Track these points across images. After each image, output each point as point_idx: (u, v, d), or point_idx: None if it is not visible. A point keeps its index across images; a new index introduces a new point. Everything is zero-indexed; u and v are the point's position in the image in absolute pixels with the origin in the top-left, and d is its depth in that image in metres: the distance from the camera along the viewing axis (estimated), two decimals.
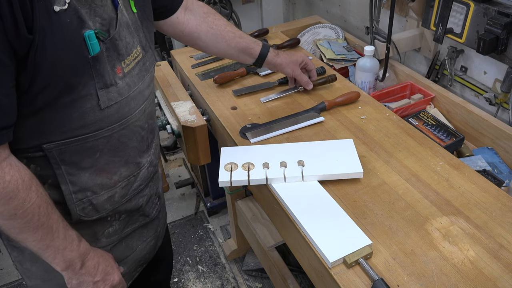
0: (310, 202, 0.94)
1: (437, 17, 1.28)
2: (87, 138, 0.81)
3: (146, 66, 0.90)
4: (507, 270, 0.79)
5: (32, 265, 0.94)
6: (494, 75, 1.32)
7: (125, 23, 0.82)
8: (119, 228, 0.98)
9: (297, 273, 1.82)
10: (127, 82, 0.83)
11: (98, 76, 0.76)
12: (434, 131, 1.26)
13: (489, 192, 0.96)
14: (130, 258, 1.05)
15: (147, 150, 0.97)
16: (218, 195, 2.13)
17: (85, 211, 0.89)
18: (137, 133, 0.91)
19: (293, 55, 1.29)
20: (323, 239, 0.85)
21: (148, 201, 1.04)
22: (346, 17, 1.99)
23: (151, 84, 0.94)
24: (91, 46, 0.73)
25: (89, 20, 0.73)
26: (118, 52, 0.79)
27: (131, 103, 0.85)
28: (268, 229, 1.57)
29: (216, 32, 1.17)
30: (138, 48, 0.86)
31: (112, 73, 0.78)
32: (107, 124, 0.82)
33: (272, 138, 1.18)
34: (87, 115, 0.78)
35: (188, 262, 2.02)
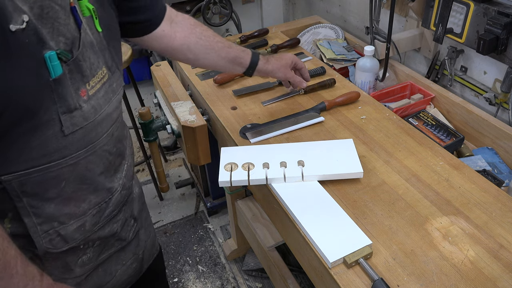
0: (310, 202, 0.94)
1: (437, 17, 1.28)
2: (50, 168, 0.74)
3: (113, 88, 0.83)
4: (507, 270, 0.79)
5: None
6: (494, 75, 1.32)
7: (89, 42, 0.76)
8: (94, 255, 0.91)
9: (297, 273, 1.82)
10: (93, 105, 0.76)
11: (61, 100, 0.70)
12: (434, 131, 1.26)
13: (489, 192, 0.96)
14: (111, 284, 0.99)
15: (116, 174, 0.91)
16: (218, 195, 2.13)
17: (52, 243, 0.82)
18: (104, 158, 0.85)
19: (282, 59, 1.26)
20: (323, 239, 0.85)
21: (124, 226, 0.97)
22: (346, 17, 1.99)
23: (119, 107, 0.87)
24: (52, 68, 0.67)
25: (50, 40, 0.67)
26: (82, 74, 0.73)
27: (97, 128, 0.79)
28: (268, 229, 1.57)
29: (205, 43, 1.12)
30: (104, 69, 0.80)
31: (76, 96, 0.72)
32: (71, 151, 0.76)
33: (272, 138, 1.18)
34: (49, 143, 0.72)
35: (188, 262, 2.02)
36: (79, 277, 0.89)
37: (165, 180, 1.56)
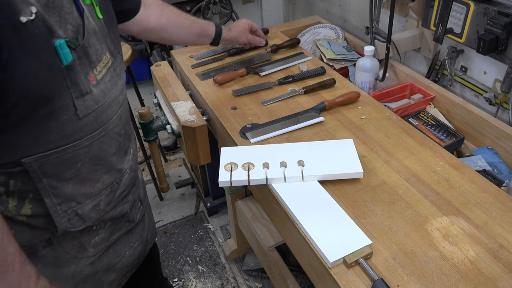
0: (310, 202, 0.94)
1: (437, 17, 1.28)
2: (67, 149, 0.79)
3: (117, 72, 0.89)
4: (507, 270, 0.79)
5: None
6: (494, 75, 1.32)
7: (92, 29, 0.80)
8: (105, 236, 0.97)
9: (297, 273, 1.82)
10: (102, 89, 0.81)
11: (73, 86, 0.74)
12: (434, 131, 1.26)
13: (489, 192, 0.96)
14: (119, 265, 1.04)
15: (125, 156, 0.97)
16: (218, 195, 2.13)
17: (71, 222, 0.87)
18: (115, 139, 0.90)
19: (239, 25, 1.47)
20: (323, 239, 0.85)
21: (132, 207, 1.03)
22: (346, 17, 1.99)
23: (124, 90, 0.94)
24: (63, 56, 0.71)
25: (59, 29, 0.70)
26: (89, 60, 0.78)
27: (107, 110, 0.84)
28: (268, 229, 1.57)
29: (175, 22, 1.27)
30: (107, 54, 0.84)
31: (86, 81, 0.77)
32: (86, 133, 0.81)
33: (272, 138, 1.18)
34: (66, 126, 0.76)
35: (188, 262, 2.02)
36: (92, 256, 0.95)
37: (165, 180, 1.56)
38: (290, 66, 1.53)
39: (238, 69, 1.48)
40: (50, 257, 0.90)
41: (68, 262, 0.93)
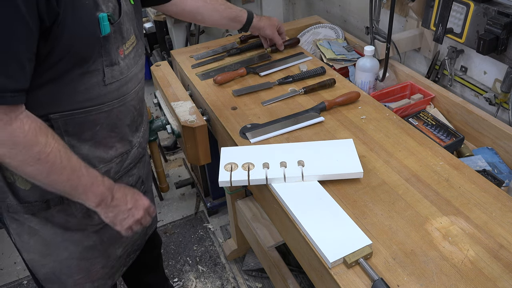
0: (310, 202, 0.94)
1: (437, 17, 1.28)
2: (91, 111, 0.88)
3: (139, 52, 0.99)
4: (507, 270, 0.79)
5: (30, 238, 0.99)
6: (494, 75, 1.32)
7: (125, 11, 0.90)
8: None
9: (297, 273, 1.82)
10: (127, 63, 0.92)
11: (106, 54, 0.85)
12: (434, 131, 1.26)
13: (489, 192, 0.96)
14: (124, 240, 1.13)
15: (137, 131, 1.06)
16: (218, 195, 2.13)
17: None
18: (131, 112, 1.00)
19: (270, 19, 1.53)
20: (323, 239, 0.85)
21: (136, 183, 1.11)
22: (346, 17, 1.99)
23: (143, 70, 1.03)
24: (103, 27, 0.81)
25: (102, 4, 0.81)
26: (122, 35, 0.89)
27: (128, 83, 0.94)
28: (268, 229, 1.57)
29: (210, 6, 1.36)
30: (133, 35, 0.95)
31: (116, 53, 0.88)
32: (108, 99, 0.90)
33: (272, 138, 1.18)
34: (93, 89, 0.86)
35: (188, 262, 2.02)
36: (98, 225, 1.03)
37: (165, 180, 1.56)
38: (290, 66, 1.53)
39: (238, 69, 1.48)
40: (59, 216, 0.98)
41: (76, 225, 1.01)
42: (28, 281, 1.97)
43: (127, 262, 1.18)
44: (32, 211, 0.95)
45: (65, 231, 1.00)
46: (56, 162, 0.80)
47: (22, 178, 0.91)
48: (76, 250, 1.04)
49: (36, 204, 0.95)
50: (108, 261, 1.11)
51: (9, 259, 2.09)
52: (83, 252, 1.05)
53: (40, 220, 0.97)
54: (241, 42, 1.68)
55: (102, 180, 0.90)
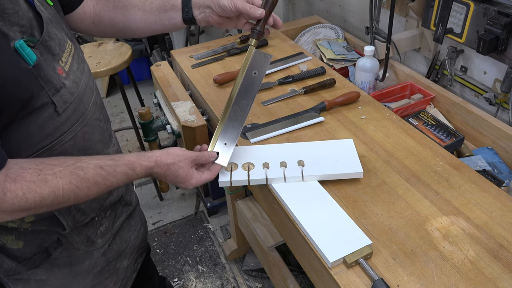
0: (310, 202, 0.94)
1: (437, 17, 1.28)
2: (53, 147, 0.78)
3: (81, 58, 0.87)
4: (507, 270, 0.79)
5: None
6: (494, 75, 1.32)
7: (48, 19, 0.76)
8: (109, 225, 0.99)
9: (297, 273, 1.82)
10: (73, 79, 0.80)
11: (47, 84, 0.72)
12: (434, 131, 1.26)
13: (489, 192, 0.96)
14: (128, 251, 1.08)
15: (110, 140, 0.96)
16: (218, 195, 2.13)
17: (75, 218, 0.89)
18: (97, 126, 0.89)
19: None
20: (323, 239, 0.85)
21: (127, 189, 1.05)
22: (346, 17, 1.99)
23: (91, 75, 0.91)
24: (27, 56, 0.68)
25: (9, 31, 0.67)
26: (52, 53, 0.75)
27: (83, 99, 0.83)
28: (268, 229, 1.57)
29: (123, 4, 1.00)
30: (68, 41, 0.82)
31: (56, 75, 0.75)
32: (68, 127, 0.79)
33: (272, 138, 1.18)
34: (47, 124, 0.75)
35: (188, 262, 2.02)
36: (102, 247, 0.98)
37: None
38: (290, 66, 1.53)
39: (238, 69, 1.48)
40: (63, 258, 0.91)
41: (82, 258, 0.95)
42: None
43: (136, 267, 1.14)
44: (35, 265, 0.88)
45: (73, 267, 0.94)
46: (77, 192, 0.73)
47: (11, 239, 0.84)
48: (88, 280, 0.99)
49: (36, 258, 0.87)
50: (118, 275, 1.07)
51: None
52: (95, 279, 1.00)
53: (45, 270, 0.91)
54: (241, 42, 1.68)
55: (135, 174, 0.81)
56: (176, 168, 0.87)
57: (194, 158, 0.91)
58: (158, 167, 0.84)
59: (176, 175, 0.88)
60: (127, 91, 2.17)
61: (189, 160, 0.90)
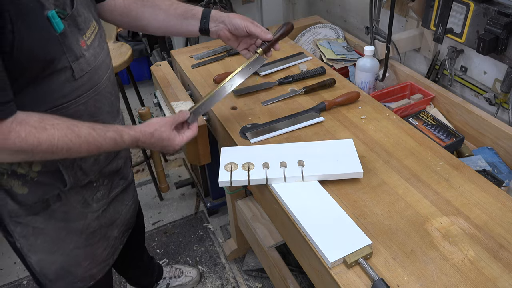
0: (310, 202, 0.94)
1: (437, 17, 1.28)
2: (69, 106, 0.89)
3: (103, 38, 0.99)
4: (507, 270, 0.79)
5: (36, 238, 1.02)
6: (494, 75, 1.32)
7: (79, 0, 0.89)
8: (105, 193, 1.10)
9: (297, 273, 1.82)
10: (92, 53, 0.92)
11: (69, 50, 0.85)
12: (434, 131, 1.26)
13: (489, 192, 0.96)
14: (119, 222, 1.18)
15: (117, 115, 1.08)
16: (218, 195, 2.13)
17: (76, 176, 0.99)
18: (108, 99, 1.00)
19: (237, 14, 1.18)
20: (323, 239, 0.85)
21: (125, 164, 1.16)
22: (346, 17, 1.99)
23: (109, 55, 1.03)
24: (56, 25, 0.80)
25: (45, 2, 0.79)
26: (78, 27, 0.88)
27: (98, 72, 0.95)
28: (268, 229, 1.58)
29: (152, 3, 1.11)
30: (94, 22, 0.94)
31: (78, 46, 0.87)
32: (82, 92, 0.91)
33: (272, 138, 1.18)
34: (65, 86, 0.87)
35: (188, 262, 2.02)
36: (96, 212, 1.08)
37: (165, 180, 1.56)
38: (290, 66, 1.53)
39: None
40: (60, 212, 1.02)
41: (77, 217, 1.05)
42: (28, 281, 1.97)
43: (122, 240, 1.25)
44: (34, 211, 0.98)
45: (68, 223, 1.04)
46: (69, 145, 0.82)
47: (17, 184, 0.94)
48: (80, 239, 1.08)
49: (37, 205, 0.98)
50: (108, 242, 1.17)
51: (9, 259, 2.09)
52: (87, 240, 1.09)
53: (43, 219, 1.00)
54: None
55: (122, 141, 0.91)
56: (159, 133, 0.98)
57: (172, 120, 1.02)
58: (143, 136, 0.95)
59: (161, 139, 0.98)
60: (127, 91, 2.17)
61: (169, 124, 1.00)
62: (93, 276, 1.17)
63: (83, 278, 1.15)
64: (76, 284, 1.14)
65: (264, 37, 1.11)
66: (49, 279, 1.10)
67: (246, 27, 1.10)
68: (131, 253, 1.55)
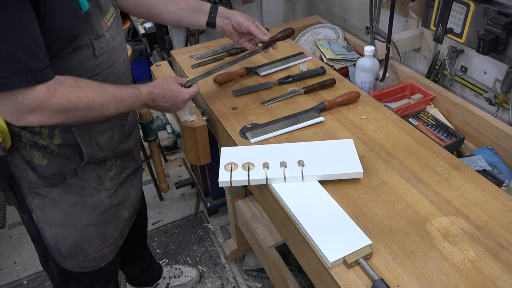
0: (310, 202, 0.94)
1: (437, 17, 1.28)
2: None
3: (119, 22, 1.07)
4: (507, 270, 0.79)
5: (52, 210, 1.08)
6: (494, 75, 1.32)
7: None
8: (117, 173, 1.16)
9: (297, 273, 1.82)
10: (111, 34, 1.00)
11: (91, 29, 0.93)
12: (434, 131, 1.26)
13: (489, 192, 0.96)
14: (128, 203, 1.23)
15: None
16: (218, 195, 2.13)
17: (93, 151, 1.05)
18: (123, 79, 1.07)
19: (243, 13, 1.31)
20: (323, 239, 0.85)
21: (135, 146, 1.23)
22: (346, 17, 1.99)
23: (124, 39, 1.11)
24: (82, 4, 0.88)
25: None
26: (101, 9, 0.96)
27: (115, 52, 1.02)
28: (268, 229, 1.57)
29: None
30: (112, 7, 1.03)
31: (99, 26, 0.96)
32: (101, 69, 0.98)
33: (272, 138, 1.18)
34: (86, 62, 0.94)
35: (188, 262, 2.02)
36: (109, 190, 1.14)
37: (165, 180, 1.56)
38: (290, 66, 1.53)
39: (238, 69, 1.48)
40: (75, 187, 1.08)
41: (91, 193, 1.11)
42: (28, 281, 1.97)
43: (129, 225, 1.29)
44: (52, 183, 1.04)
45: (82, 198, 1.10)
46: (101, 101, 0.91)
47: (38, 156, 1.01)
48: (93, 216, 1.13)
49: (54, 177, 1.04)
50: (118, 223, 1.21)
51: (9, 259, 2.09)
52: (99, 218, 1.14)
53: (60, 191, 1.06)
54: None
55: (140, 92, 1.02)
56: (168, 85, 1.11)
57: (174, 78, 1.16)
58: (156, 88, 1.06)
59: (171, 90, 1.10)
60: None
61: (173, 79, 1.14)
62: (104, 257, 1.21)
63: (95, 258, 1.19)
64: (88, 263, 1.18)
65: (261, 38, 1.27)
66: (62, 256, 1.14)
67: (248, 26, 1.25)
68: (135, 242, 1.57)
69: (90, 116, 0.91)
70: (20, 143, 0.99)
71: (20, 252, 2.11)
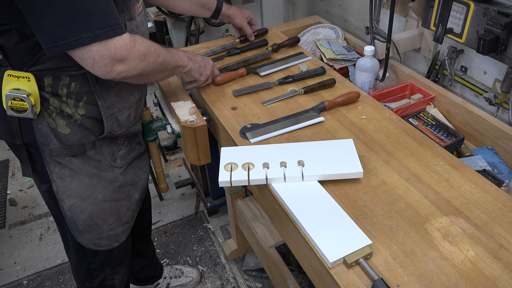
0: (310, 202, 0.94)
1: (437, 17, 1.28)
2: None
3: (145, 12, 1.18)
4: (507, 270, 0.79)
5: (71, 180, 1.13)
6: (494, 75, 1.32)
7: None
8: (126, 152, 1.24)
9: (297, 273, 1.82)
10: (140, 19, 1.11)
11: (127, 10, 1.04)
12: (434, 131, 1.26)
13: (489, 192, 0.96)
14: (139, 185, 1.31)
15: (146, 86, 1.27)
16: (218, 195, 2.13)
17: (113, 126, 1.13)
18: None
19: (242, 10, 1.61)
20: (323, 239, 0.85)
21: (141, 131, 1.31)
22: (346, 17, 1.99)
23: (147, 28, 1.20)
24: None
25: None
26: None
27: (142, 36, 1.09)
28: (268, 229, 1.57)
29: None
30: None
31: (133, 9, 1.06)
32: None
33: (272, 138, 1.18)
34: None
35: (188, 262, 2.02)
36: (121, 168, 1.22)
37: (164, 180, 1.56)
38: (290, 66, 1.53)
39: (238, 69, 1.48)
40: (94, 160, 1.15)
41: (107, 168, 1.18)
42: (28, 281, 1.97)
43: (137, 209, 1.34)
44: (73, 153, 1.10)
45: (100, 171, 1.16)
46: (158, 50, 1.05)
47: (62, 124, 1.06)
48: (108, 191, 1.19)
49: (75, 147, 1.10)
50: (130, 203, 1.28)
51: (9, 259, 2.09)
52: (114, 193, 1.21)
53: (79, 162, 1.12)
54: (241, 42, 1.68)
55: (184, 54, 1.21)
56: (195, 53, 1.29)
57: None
58: (188, 52, 1.25)
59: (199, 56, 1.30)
60: None
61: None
62: (118, 237, 1.27)
63: (108, 235, 1.24)
64: (102, 241, 1.24)
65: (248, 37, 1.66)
66: (78, 229, 1.20)
67: (241, 26, 1.61)
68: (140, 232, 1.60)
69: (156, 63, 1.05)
70: (48, 110, 1.04)
71: (20, 252, 2.11)
